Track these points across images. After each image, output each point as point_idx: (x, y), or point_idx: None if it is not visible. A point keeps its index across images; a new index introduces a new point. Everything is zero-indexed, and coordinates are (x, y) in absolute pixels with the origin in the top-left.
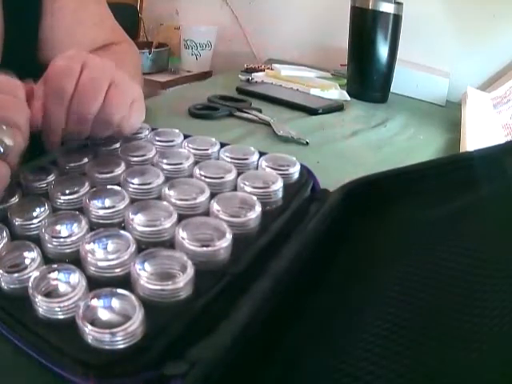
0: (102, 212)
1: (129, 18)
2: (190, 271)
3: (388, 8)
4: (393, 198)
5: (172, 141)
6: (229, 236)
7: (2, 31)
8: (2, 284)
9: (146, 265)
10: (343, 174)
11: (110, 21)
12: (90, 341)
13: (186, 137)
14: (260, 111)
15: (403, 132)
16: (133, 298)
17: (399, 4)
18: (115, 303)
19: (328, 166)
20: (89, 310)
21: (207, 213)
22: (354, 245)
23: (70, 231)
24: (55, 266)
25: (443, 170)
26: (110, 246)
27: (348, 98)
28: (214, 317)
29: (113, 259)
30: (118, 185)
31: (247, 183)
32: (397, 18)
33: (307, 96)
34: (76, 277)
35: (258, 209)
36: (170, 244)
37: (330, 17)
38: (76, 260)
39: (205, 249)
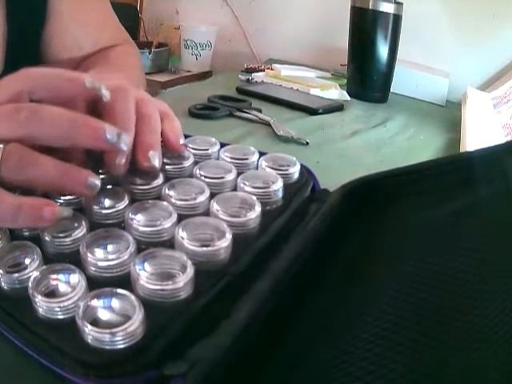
0: (101, 212)
1: (129, 18)
2: (190, 271)
3: (388, 8)
4: (393, 198)
5: None
6: (229, 236)
7: (5, 33)
8: (2, 284)
9: (146, 265)
10: (343, 173)
11: (114, 22)
12: (89, 341)
13: (186, 137)
14: (260, 111)
15: (403, 132)
16: (133, 297)
17: (399, 4)
18: (115, 303)
19: (328, 166)
20: (89, 310)
21: (207, 213)
22: (354, 245)
23: (69, 231)
24: (55, 266)
25: (443, 170)
26: (110, 246)
27: (348, 98)
28: (214, 317)
29: (113, 259)
30: (118, 185)
31: (247, 183)
32: (397, 18)
33: (307, 96)
34: (76, 277)
35: (258, 209)
36: (170, 244)
37: (330, 17)
38: (76, 260)
39: (205, 249)
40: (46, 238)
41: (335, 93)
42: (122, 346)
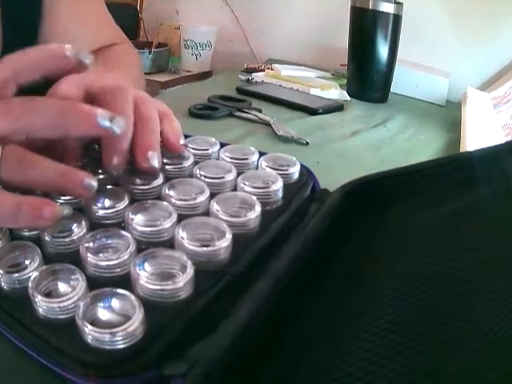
0: (101, 212)
1: (129, 18)
2: (190, 271)
3: (388, 8)
4: (393, 198)
5: None
6: (229, 236)
7: (1, 33)
8: (2, 284)
9: (146, 265)
10: (343, 174)
11: (111, 22)
12: (89, 341)
13: (186, 137)
14: (260, 111)
15: (403, 132)
16: (133, 297)
17: (399, 4)
18: (115, 303)
19: (328, 166)
20: (89, 310)
21: (207, 213)
22: (354, 245)
23: (69, 231)
24: (55, 266)
25: (443, 170)
26: (110, 246)
27: (348, 98)
28: (214, 317)
29: (113, 259)
30: (118, 185)
31: (247, 183)
32: (397, 18)
33: (307, 96)
34: (76, 277)
35: (258, 209)
36: (170, 244)
37: (330, 17)
38: (76, 260)
39: (205, 249)
40: (46, 238)
41: (335, 93)
42: (121, 346)
